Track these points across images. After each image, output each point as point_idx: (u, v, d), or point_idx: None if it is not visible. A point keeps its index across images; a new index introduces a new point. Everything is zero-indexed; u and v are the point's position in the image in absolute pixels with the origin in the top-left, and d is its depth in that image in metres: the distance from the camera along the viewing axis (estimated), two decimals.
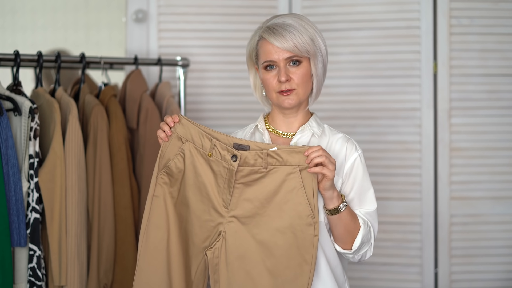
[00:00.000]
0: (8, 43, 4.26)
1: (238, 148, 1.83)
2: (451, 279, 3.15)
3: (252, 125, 2.03)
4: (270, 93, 1.92)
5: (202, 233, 1.87)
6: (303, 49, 1.86)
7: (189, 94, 3.22)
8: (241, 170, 1.82)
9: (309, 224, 1.80)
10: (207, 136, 1.85)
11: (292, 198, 1.80)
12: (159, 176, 1.88)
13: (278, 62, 1.88)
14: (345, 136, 1.96)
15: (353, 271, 3.21)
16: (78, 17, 4.25)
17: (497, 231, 3.15)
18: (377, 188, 3.19)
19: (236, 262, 1.83)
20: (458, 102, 3.17)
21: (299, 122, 1.97)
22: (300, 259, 1.80)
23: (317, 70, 1.91)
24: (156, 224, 1.88)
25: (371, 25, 3.22)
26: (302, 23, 1.89)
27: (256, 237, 1.82)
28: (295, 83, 1.89)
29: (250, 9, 3.27)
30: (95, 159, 2.49)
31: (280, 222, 1.81)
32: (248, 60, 2.00)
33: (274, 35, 1.86)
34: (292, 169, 1.80)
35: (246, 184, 1.83)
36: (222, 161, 1.83)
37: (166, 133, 1.88)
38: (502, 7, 3.16)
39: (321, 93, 3.33)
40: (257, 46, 1.92)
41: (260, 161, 1.81)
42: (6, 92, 2.32)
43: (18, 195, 2.23)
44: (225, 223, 1.85)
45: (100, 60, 2.71)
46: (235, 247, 1.83)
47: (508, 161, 3.16)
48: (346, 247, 1.89)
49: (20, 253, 2.29)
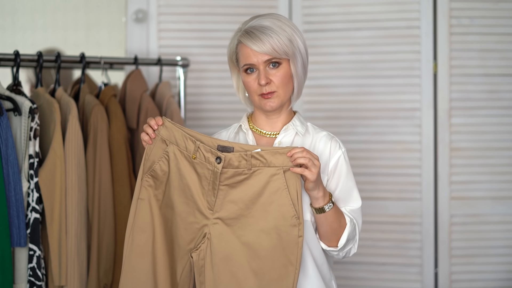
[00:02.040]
0: (8, 43, 4.26)
1: (222, 150, 1.82)
2: (451, 279, 3.15)
3: (235, 125, 2.04)
4: (252, 96, 1.93)
5: (187, 235, 1.86)
6: (281, 51, 1.86)
7: (189, 94, 3.22)
8: (225, 172, 1.82)
9: (293, 225, 1.80)
10: (190, 139, 1.85)
11: (276, 199, 1.80)
12: (144, 179, 1.89)
13: (258, 65, 1.88)
14: (329, 134, 1.97)
15: (353, 271, 3.21)
16: (78, 17, 4.25)
17: (497, 231, 3.15)
18: (377, 188, 3.21)
19: (221, 263, 1.83)
20: (458, 102, 3.17)
21: (282, 122, 1.98)
22: (285, 260, 1.80)
23: (297, 70, 1.92)
24: (141, 227, 1.89)
25: (371, 25, 3.22)
26: (280, 24, 1.89)
27: (241, 239, 1.83)
28: (275, 85, 1.89)
29: (250, 9, 3.27)
30: (95, 159, 2.49)
31: (264, 223, 1.81)
32: (230, 62, 2.00)
33: (252, 39, 1.87)
34: (276, 170, 1.80)
35: (230, 186, 1.83)
36: (206, 163, 1.83)
37: (150, 135, 1.88)
38: (502, 7, 3.16)
39: (321, 93, 3.34)
40: (237, 49, 1.94)
41: (244, 163, 1.81)
42: (6, 92, 2.32)
43: (18, 195, 2.23)
44: (210, 225, 1.84)
45: (100, 60, 2.71)
46: (220, 249, 1.83)
47: (508, 161, 3.16)
48: (332, 244, 1.90)
49: (20, 253, 2.29)
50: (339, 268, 3.19)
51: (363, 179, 3.15)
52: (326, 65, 3.24)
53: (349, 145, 3.06)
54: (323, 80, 3.24)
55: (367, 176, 3.20)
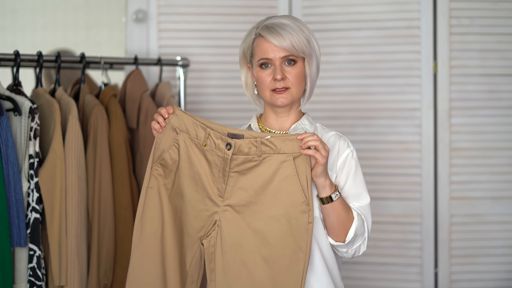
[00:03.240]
0: (8, 43, 4.27)
1: (232, 137, 1.84)
2: (451, 279, 3.15)
3: (244, 126, 2.06)
4: (264, 91, 1.95)
5: (197, 223, 1.87)
6: (300, 49, 1.90)
7: (189, 94, 3.22)
8: (235, 159, 1.84)
9: (303, 211, 1.81)
10: (201, 126, 1.87)
11: (286, 186, 1.82)
12: (154, 168, 1.89)
13: (274, 60, 1.91)
14: (338, 133, 1.99)
15: (353, 271, 3.21)
16: (78, 17, 4.25)
17: (497, 231, 3.15)
18: (377, 188, 3.21)
19: (231, 250, 1.84)
20: (458, 102, 3.17)
21: (291, 122, 2.00)
22: (295, 246, 1.81)
23: (311, 71, 1.96)
24: (150, 216, 1.89)
25: (371, 25, 3.22)
26: (299, 24, 1.93)
27: (251, 226, 1.84)
28: (290, 82, 1.92)
29: (250, 9, 3.27)
30: (95, 159, 2.49)
31: (274, 210, 1.83)
32: (242, 58, 2.03)
33: (272, 34, 1.90)
34: (285, 157, 1.82)
35: (240, 173, 1.84)
36: (217, 150, 1.85)
37: (161, 124, 1.90)
38: (502, 7, 3.16)
39: (321, 93, 3.34)
40: (253, 44, 1.95)
41: (254, 150, 1.83)
42: (6, 92, 2.32)
43: (18, 195, 2.23)
44: (220, 212, 1.85)
45: (100, 60, 2.71)
46: (230, 236, 1.84)
47: (508, 161, 3.16)
48: (340, 239, 1.89)
49: (20, 253, 2.29)
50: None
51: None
52: (326, 65, 3.24)
53: None
54: (323, 80, 3.24)
55: (367, 176, 3.16)
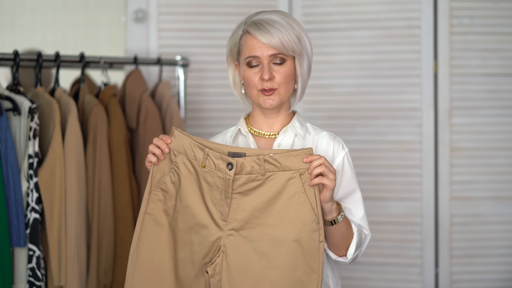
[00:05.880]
0: (8, 43, 4.26)
1: (233, 156, 1.73)
2: (452, 279, 3.15)
3: (232, 129, 1.96)
4: (251, 90, 1.85)
5: (201, 249, 1.74)
6: (289, 47, 1.80)
7: (189, 94, 3.22)
8: (238, 179, 1.72)
9: (314, 230, 1.70)
10: (199, 147, 1.75)
11: (294, 205, 1.71)
12: (153, 193, 1.77)
13: (262, 58, 1.81)
14: (330, 134, 1.92)
15: (353, 271, 3.20)
16: (77, 17, 4.24)
17: (497, 231, 3.15)
18: (377, 188, 3.21)
19: (239, 277, 1.71)
20: (459, 102, 3.17)
21: (281, 123, 1.91)
22: (307, 268, 1.70)
23: (302, 70, 1.86)
24: (148, 243, 1.76)
25: (372, 25, 3.22)
26: (289, 20, 1.83)
27: (258, 249, 1.72)
28: (277, 82, 1.82)
29: (250, 9, 3.23)
30: (94, 159, 2.48)
31: (283, 231, 1.71)
32: (229, 55, 1.92)
33: (260, 31, 1.79)
34: (291, 174, 1.71)
35: (243, 194, 1.73)
36: (217, 171, 1.73)
37: (159, 157, 1.77)
38: (503, 6, 3.15)
39: (321, 93, 3.33)
40: (240, 41, 1.85)
41: (257, 168, 1.71)
42: (5, 92, 2.32)
43: (17, 195, 2.23)
44: (225, 237, 1.73)
45: (99, 60, 2.71)
46: (237, 262, 1.72)
47: (508, 161, 3.16)
48: (341, 253, 1.85)
49: (20, 253, 2.29)
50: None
51: (363, 179, 3.14)
52: (326, 65, 3.24)
53: (349, 145, 3.03)
54: (323, 80, 3.24)
55: (368, 176, 3.19)
